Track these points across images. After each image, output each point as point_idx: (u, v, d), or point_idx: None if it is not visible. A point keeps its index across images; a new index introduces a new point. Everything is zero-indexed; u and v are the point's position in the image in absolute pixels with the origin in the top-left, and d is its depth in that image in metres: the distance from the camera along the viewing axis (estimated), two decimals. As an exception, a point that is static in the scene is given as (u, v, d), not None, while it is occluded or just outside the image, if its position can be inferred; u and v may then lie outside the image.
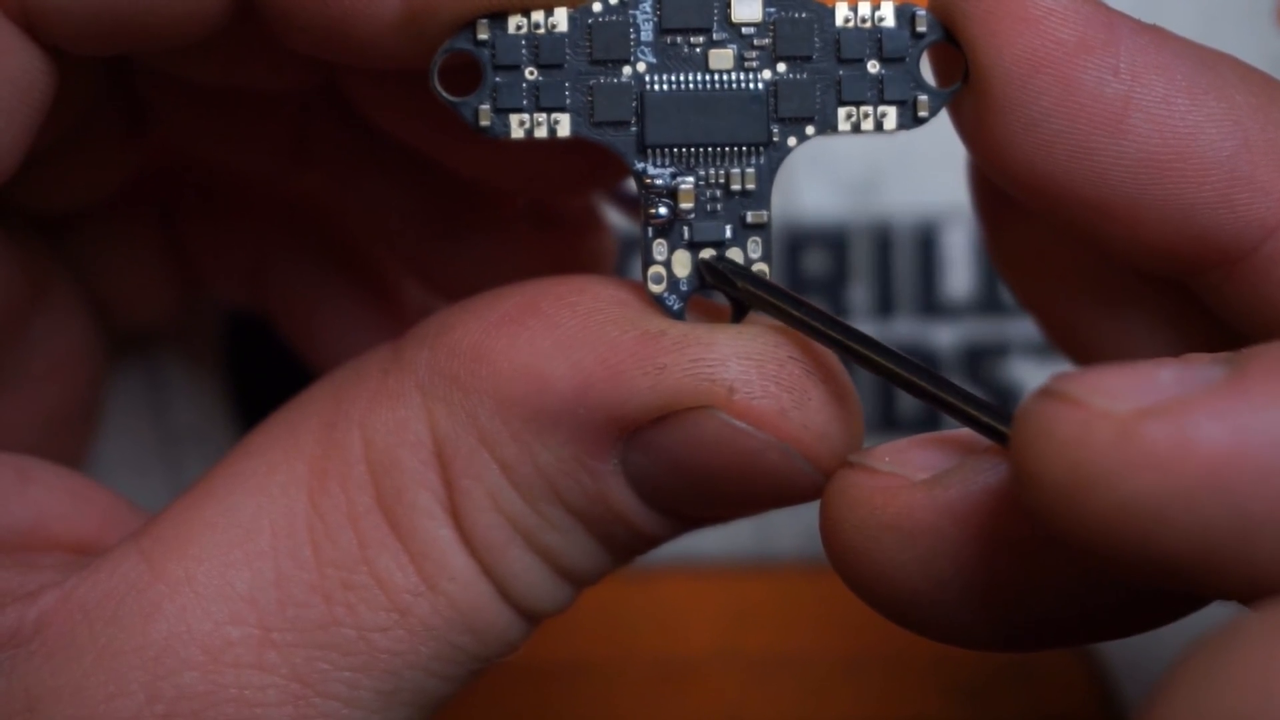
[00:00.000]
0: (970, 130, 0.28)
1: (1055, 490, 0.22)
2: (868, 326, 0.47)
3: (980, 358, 0.47)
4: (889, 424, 0.47)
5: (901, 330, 0.47)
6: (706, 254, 0.28)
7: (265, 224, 0.38)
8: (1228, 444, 0.21)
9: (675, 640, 0.44)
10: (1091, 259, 0.31)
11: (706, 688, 0.44)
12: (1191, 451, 0.21)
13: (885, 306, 0.47)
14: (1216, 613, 0.26)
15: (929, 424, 0.47)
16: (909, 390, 0.26)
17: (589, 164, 0.33)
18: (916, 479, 0.26)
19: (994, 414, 0.25)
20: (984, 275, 0.47)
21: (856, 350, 0.26)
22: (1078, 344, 0.32)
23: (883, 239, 0.47)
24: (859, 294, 0.47)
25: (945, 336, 0.47)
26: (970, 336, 0.47)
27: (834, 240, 0.47)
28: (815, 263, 0.47)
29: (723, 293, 0.28)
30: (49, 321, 0.35)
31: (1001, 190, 0.30)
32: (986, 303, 0.47)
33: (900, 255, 0.47)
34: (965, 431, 0.26)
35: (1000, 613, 0.26)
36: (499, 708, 0.43)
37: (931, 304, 0.47)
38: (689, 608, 0.44)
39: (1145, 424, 0.22)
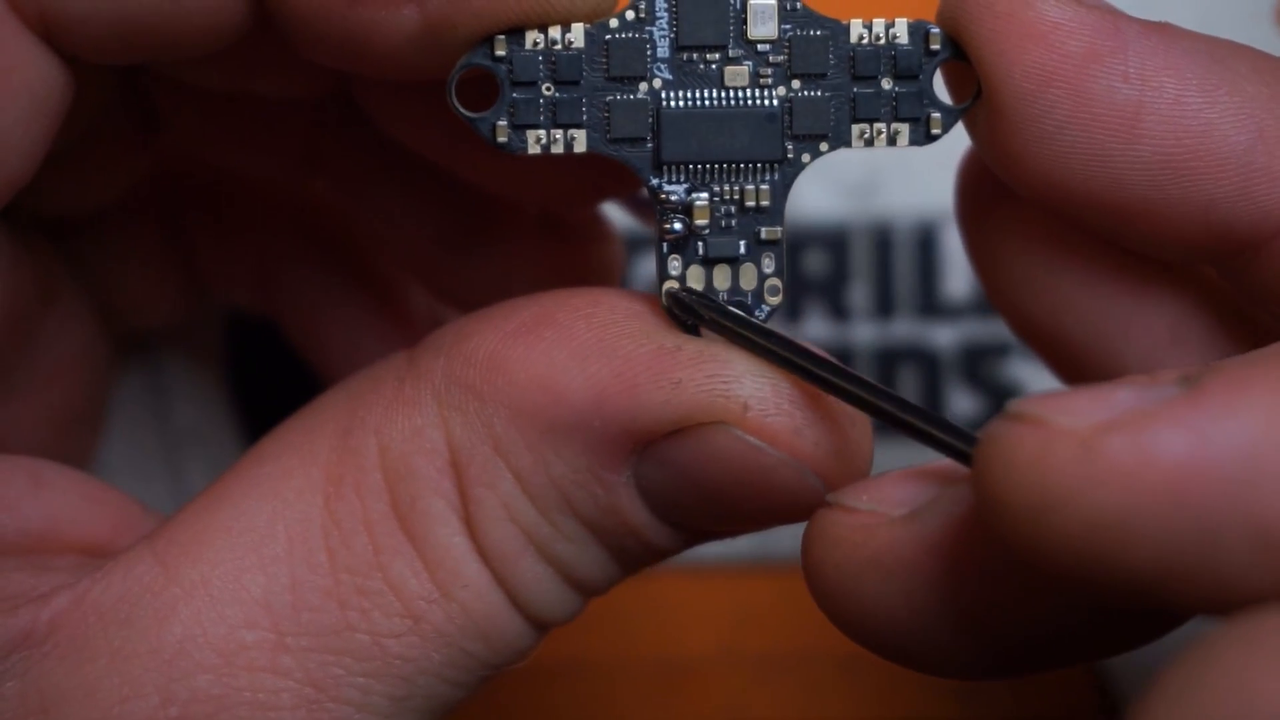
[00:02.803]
0: (985, 142, 0.28)
1: (1019, 512, 0.22)
2: (868, 327, 0.47)
3: (980, 358, 0.47)
4: (883, 429, 0.47)
5: (901, 331, 0.47)
6: (670, 285, 0.28)
7: (273, 229, 0.38)
8: (1187, 454, 0.21)
9: (675, 640, 0.45)
10: (1091, 254, 0.31)
11: (707, 688, 0.44)
12: (1152, 464, 0.21)
13: (885, 307, 0.47)
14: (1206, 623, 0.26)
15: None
16: (879, 417, 0.26)
17: (601, 176, 0.33)
18: (895, 515, 0.26)
19: (959, 436, 0.25)
20: (983, 276, 0.47)
21: (826, 379, 0.26)
22: (1067, 350, 0.33)
23: (883, 239, 0.48)
24: (859, 294, 0.47)
25: (945, 337, 0.47)
26: (970, 337, 0.47)
27: (834, 241, 0.47)
28: (815, 263, 0.47)
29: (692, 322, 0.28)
30: (56, 324, 0.35)
31: (990, 194, 0.31)
32: (986, 303, 0.47)
33: (900, 256, 0.48)
34: (944, 463, 0.26)
35: (986, 642, 0.26)
36: (499, 707, 0.43)
37: (931, 305, 0.47)
38: (689, 608, 0.45)
39: (1105, 438, 0.22)
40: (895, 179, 0.47)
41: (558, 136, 0.28)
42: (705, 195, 0.28)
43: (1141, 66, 0.27)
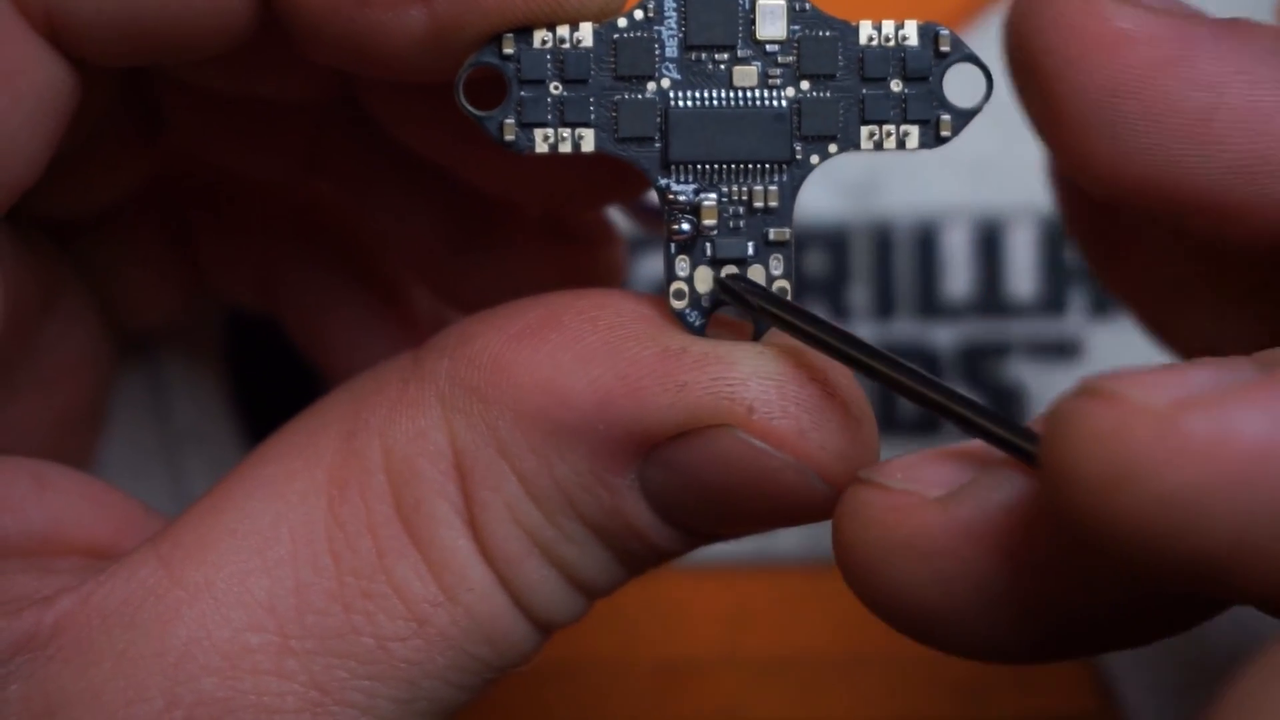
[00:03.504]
0: (1056, 148, 0.28)
1: (1091, 487, 0.22)
2: (868, 327, 0.47)
3: (980, 358, 0.47)
4: (889, 425, 0.47)
5: (901, 331, 0.47)
6: (726, 271, 0.28)
7: (276, 230, 0.38)
8: (1267, 435, 0.21)
9: (675, 640, 0.45)
10: (1182, 247, 0.31)
11: (707, 687, 0.44)
12: (1231, 443, 0.21)
13: (885, 307, 0.47)
14: (1235, 615, 0.26)
15: (928, 426, 0.47)
16: (931, 408, 0.26)
17: (607, 178, 0.33)
18: (930, 496, 0.26)
19: (1021, 433, 0.25)
20: (984, 275, 0.47)
21: (876, 368, 0.26)
22: (1178, 333, 0.32)
23: (883, 239, 0.48)
24: (859, 295, 0.47)
25: (945, 337, 0.47)
26: (970, 337, 0.47)
27: (834, 241, 0.47)
28: (815, 263, 0.47)
29: (741, 310, 0.28)
30: (59, 326, 0.35)
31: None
32: (986, 303, 0.47)
33: (900, 255, 0.47)
34: (977, 444, 0.26)
35: (1020, 626, 0.25)
36: (499, 707, 0.43)
37: (931, 304, 0.47)
38: (689, 607, 0.45)
39: (1184, 416, 0.21)
40: (895, 179, 0.47)
41: (565, 135, 0.28)
42: (713, 196, 0.28)
43: (1213, 71, 0.26)
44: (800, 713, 0.44)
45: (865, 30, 0.28)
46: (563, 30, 0.28)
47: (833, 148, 0.28)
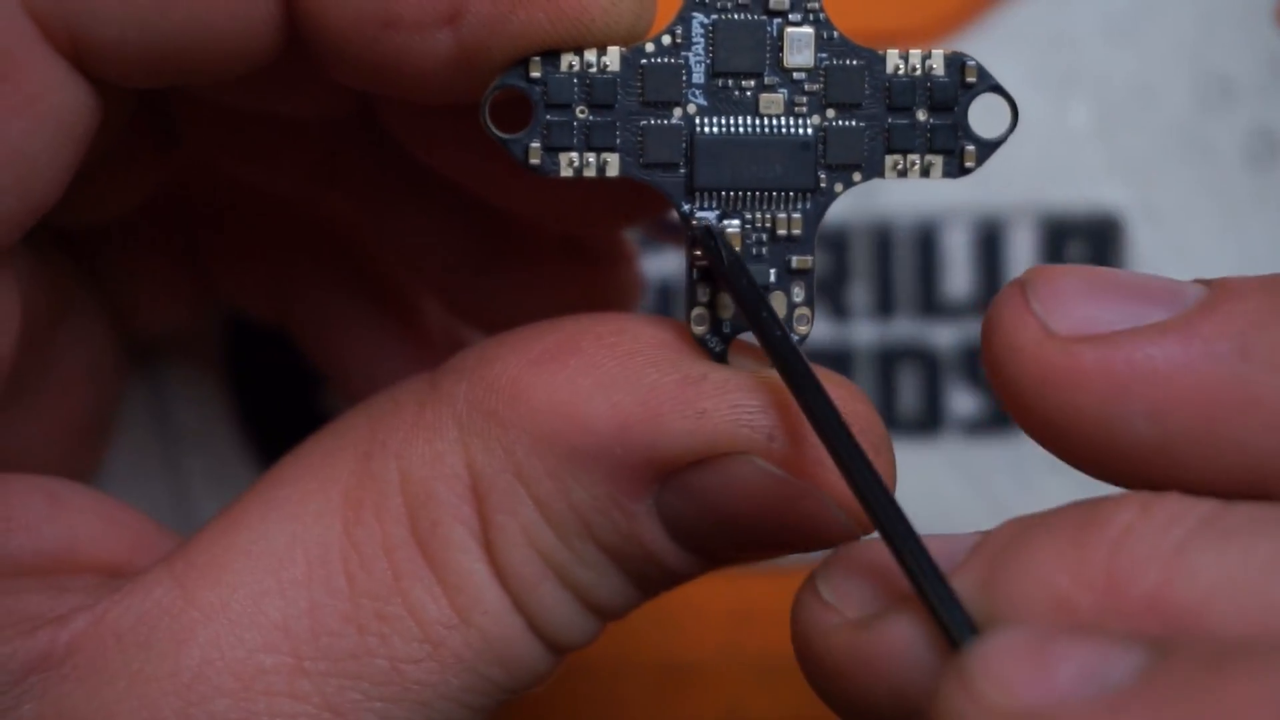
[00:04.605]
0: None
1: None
2: (867, 327, 0.47)
3: (980, 358, 0.47)
4: (889, 423, 0.47)
5: (901, 330, 0.47)
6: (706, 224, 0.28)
7: (290, 244, 0.38)
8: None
9: (676, 640, 0.45)
10: None
11: (707, 688, 0.44)
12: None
13: (885, 306, 0.47)
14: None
15: (927, 425, 0.47)
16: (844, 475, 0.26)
17: (629, 199, 0.33)
18: (848, 618, 0.26)
19: (958, 615, 0.24)
20: (984, 275, 0.47)
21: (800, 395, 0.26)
22: None
23: (883, 239, 0.47)
24: (859, 294, 0.47)
25: (945, 337, 0.47)
26: (970, 336, 0.47)
27: (834, 240, 0.47)
28: (815, 263, 0.47)
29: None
30: (69, 337, 0.34)
31: None
32: (986, 303, 0.47)
33: (900, 255, 0.47)
34: (893, 568, 0.25)
35: None
36: (500, 710, 0.43)
37: (931, 304, 0.47)
38: (690, 608, 0.45)
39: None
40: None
41: (590, 160, 0.28)
42: (737, 222, 0.28)
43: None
44: (801, 713, 0.44)
45: (892, 59, 0.28)
46: (590, 55, 0.27)
47: (857, 176, 0.28)
